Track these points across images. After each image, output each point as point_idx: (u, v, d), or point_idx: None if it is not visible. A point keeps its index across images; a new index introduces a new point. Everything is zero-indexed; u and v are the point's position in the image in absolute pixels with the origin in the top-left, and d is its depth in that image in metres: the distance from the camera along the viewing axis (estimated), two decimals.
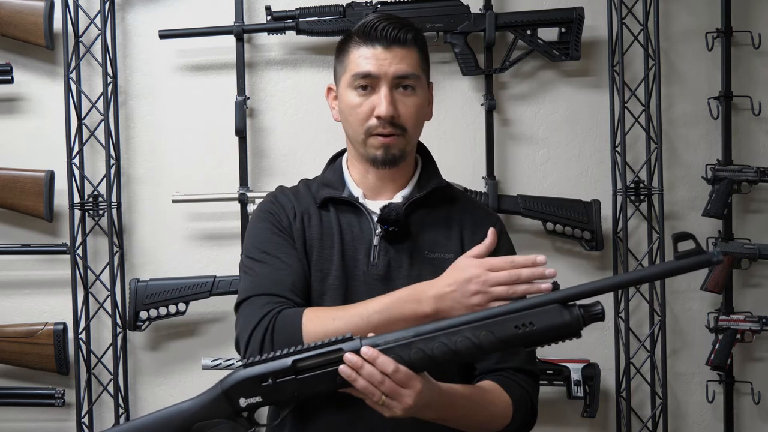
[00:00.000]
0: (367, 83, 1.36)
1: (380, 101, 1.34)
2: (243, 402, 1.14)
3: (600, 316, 1.11)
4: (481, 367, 1.36)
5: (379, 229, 1.37)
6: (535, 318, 1.10)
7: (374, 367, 1.10)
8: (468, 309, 1.19)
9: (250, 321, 1.28)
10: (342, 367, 1.11)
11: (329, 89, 1.48)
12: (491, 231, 1.30)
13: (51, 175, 2.34)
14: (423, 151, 1.50)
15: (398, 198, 1.41)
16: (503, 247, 1.42)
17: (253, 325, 1.27)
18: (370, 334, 1.15)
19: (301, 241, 1.38)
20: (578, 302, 1.11)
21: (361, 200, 1.41)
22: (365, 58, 1.36)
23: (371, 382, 1.10)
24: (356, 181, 1.44)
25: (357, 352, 1.11)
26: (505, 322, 1.10)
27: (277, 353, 1.14)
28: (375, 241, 1.37)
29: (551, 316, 1.10)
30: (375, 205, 1.40)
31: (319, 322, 1.25)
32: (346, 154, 1.49)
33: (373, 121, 1.36)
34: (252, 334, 1.27)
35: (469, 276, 1.22)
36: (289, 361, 1.12)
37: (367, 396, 1.12)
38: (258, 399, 1.13)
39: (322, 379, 1.12)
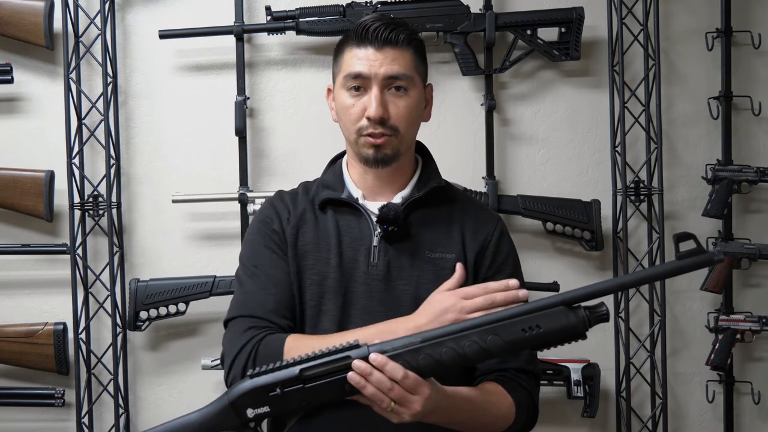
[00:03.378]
0: (359, 84, 1.36)
1: (370, 102, 1.34)
2: (250, 413, 1.12)
3: (605, 317, 1.12)
4: (482, 367, 1.36)
5: (379, 230, 1.37)
6: (542, 320, 1.10)
7: (383, 374, 1.10)
8: None
9: (234, 345, 1.31)
10: (350, 375, 1.10)
11: (329, 90, 1.48)
12: (459, 266, 1.34)
13: (51, 175, 2.34)
14: (423, 152, 1.49)
15: (397, 199, 1.41)
16: (503, 249, 1.43)
17: (236, 351, 1.30)
18: (376, 340, 1.14)
19: (294, 249, 1.38)
20: (583, 304, 1.12)
21: (360, 201, 1.41)
22: (357, 59, 1.36)
23: (380, 389, 1.10)
24: (356, 182, 1.44)
25: (365, 359, 1.11)
26: (512, 326, 1.11)
27: (284, 362, 1.12)
28: (375, 242, 1.37)
29: (557, 319, 1.10)
30: (374, 206, 1.39)
31: (298, 352, 1.23)
32: (346, 155, 1.49)
33: (364, 122, 1.36)
34: (235, 359, 1.30)
35: (446, 306, 1.25)
36: (296, 370, 1.11)
37: (376, 403, 1.12)
38: (266, 409, 1.12)
39: (331, 387, 1.11)
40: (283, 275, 1.37)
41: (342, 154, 1.51)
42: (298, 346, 1.27)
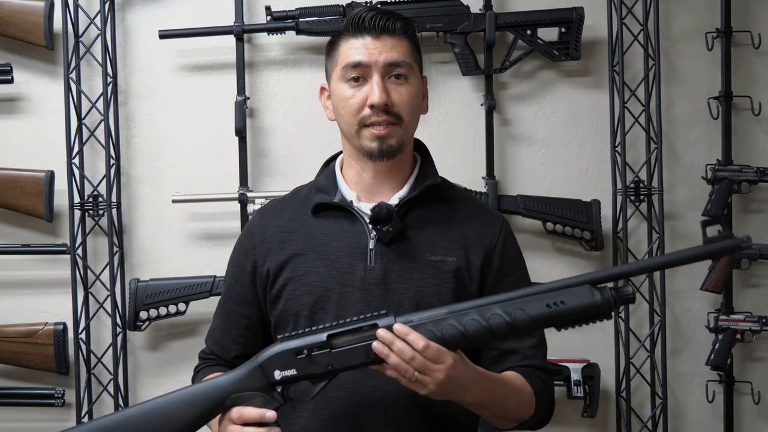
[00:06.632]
0: (359, 74, 1.33)
1: (372, 89, 1.32)
2: (278, 374, 1.16)
3: (631, 298, 1.12)
4: (498, 368, 1.35)
5: (374, 232, 1.34)
6: (566, 297, 1.11)
7: (405, 343, 1.11)
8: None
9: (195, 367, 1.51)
10: (375, 344, 1.12)
11: (322, 89, 1.45)
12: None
13: (51, 175, 2.34)
14: (421, 149, 1.46)
15: (394, 199, 1.37)
16: (510, 252, 1.40)
17: (193, 373, 1.51)
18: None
19: (278, 264, 1.38)
20: (608, 285, 1.12)
21: (355, 204, 1.37)
22: (355, 48, 1.34)
23: (403, 358, 1.11)
24: (352, 182, 1.40)
25: (390, 328, 1.12)
26: (536, 300, 1.12)
27: (314, 328, 1.17)
28: (371, 245, 1.34)
29: (582, 296, 1.11)
30: (369, 208, 1.35)
31: None
32: (340, 156, 1.46)
33: (367, 111, 1.33)
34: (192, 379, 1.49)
35: None
36: (324, 335, 1.15)
37: (401, 373, 1.13)
38: (293, 372, 1.15)
39: (356, 353, 1.14)
40: (241, 308, 1.44)
41: (335, 157, 1.48)
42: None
